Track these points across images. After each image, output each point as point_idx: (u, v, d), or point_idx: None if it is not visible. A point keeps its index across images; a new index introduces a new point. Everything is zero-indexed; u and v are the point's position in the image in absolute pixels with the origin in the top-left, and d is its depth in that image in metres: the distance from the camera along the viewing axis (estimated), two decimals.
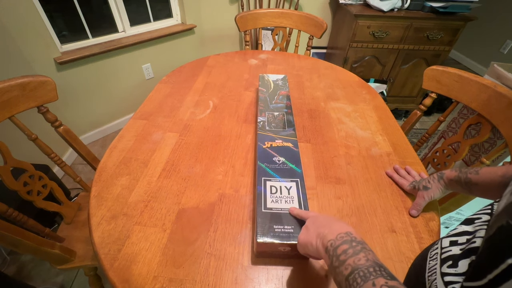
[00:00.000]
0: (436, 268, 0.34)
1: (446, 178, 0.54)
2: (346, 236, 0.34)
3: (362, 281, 0.28)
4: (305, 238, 0.40)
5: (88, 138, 1.84)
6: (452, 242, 0.35)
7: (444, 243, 0.36)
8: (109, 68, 1.71)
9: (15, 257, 1.23)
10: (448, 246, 0.35)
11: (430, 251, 0.38)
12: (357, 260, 0.31)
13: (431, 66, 0.86)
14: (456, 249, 0.33)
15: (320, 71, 1.14)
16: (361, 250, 0.32)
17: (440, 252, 0.35)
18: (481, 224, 0.32)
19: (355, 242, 0.33)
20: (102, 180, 0.62)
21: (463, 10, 1.71)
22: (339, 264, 0.32)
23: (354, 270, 0.30)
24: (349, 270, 0.30)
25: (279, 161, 0.60)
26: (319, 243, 0.37)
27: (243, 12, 1.32)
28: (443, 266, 0.33)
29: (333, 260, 0.33)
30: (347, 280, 0.30)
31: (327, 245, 0.35)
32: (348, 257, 0.32)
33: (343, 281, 0.31)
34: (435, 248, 0.37)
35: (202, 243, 0.51)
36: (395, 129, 0.83)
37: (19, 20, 1.26)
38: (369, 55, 1.92)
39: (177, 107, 0.88)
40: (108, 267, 0.46)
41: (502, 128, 0.71)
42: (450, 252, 0.33)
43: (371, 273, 0.29)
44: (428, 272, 0.35)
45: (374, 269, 0.29)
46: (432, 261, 0.36)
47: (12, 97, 0.65)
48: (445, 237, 0.37)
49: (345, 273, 0.31)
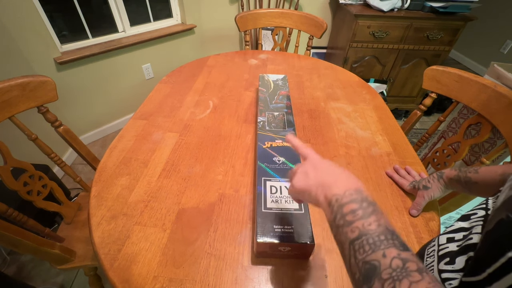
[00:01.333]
0: (434, 266, 0.33)
1: (445, 177, 0.54)
2: (355, 194, 0.30)
3: (371, 250, 0.25)
4: (303, 184, 0.35)
5: (88, 138, 1.84)
6: (449, 239, 0.34)
7: (441, 240, 0.36)
8: (109, 68, 1.71)
9: (15, 257, 1.23)
10: (445, 243, 0.34)
11: (427, 248, 0.38)
12: (366, 224, 0.27)
13: (431, 66, 0.86)
14: (453, 246, 0.33)
15: (320, 71, 1.14)
16: (372, 213, 0.28)
17: (437, 249, 0.35)
18: (476, 220, 0.32)
19: (366, 202, 0.29)
20: (102, 180, 0.62)
21: (463, 10, 1.71)
22: (344, 224, 0.29)
23: (362, 235, 0.27)
24: (356, 233, 0.27)
25: (279, 161, 0.60)
26: (320, 193, 0.33)
27: (243, 12, 1.32)
28: (440, 263, 0.32)
29: (336, 217, 0.30)
30: (352, 243, 0.27)
31: (331, 198, 0.31)
32: (356, 219, 0.28)
33: (346, 243, 0.28)
34: (432, 245, 0.37)
35: (202, 243, 0.51)
36: (395, 129, 0.83)
37: (19, 20, 1.26)
38: (369, 55, 1.92)
39: (177, 107, 0.88)
40: (108, 267, 0.46)
41: (502, 128, 0.71)
42: (447, 249, 0.33)
43: (382, 241, 0.25)
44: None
45: (386, 237, 0.26)
46: (429, 258, 0.36)
47: (12, 97, 0.65)
48: (442, 234, 0.36)
49: (351, 236, 0.27)
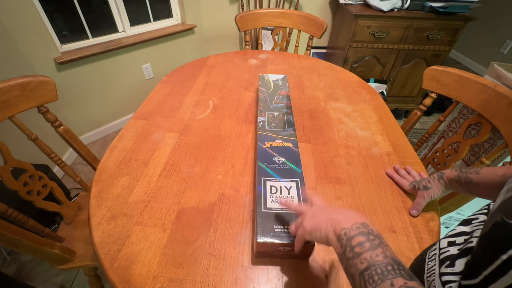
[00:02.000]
0: (435, 269, 0.34)
1: (446, 177, 0.54)
2: (362, 228, 0.32)
3: (380, 279, 0.27)
4: (313, 223, 0.38)
5: (88, 138, 1.84)
6: (450, 242, 0.35)
7: (442, 243, 0.36)
8: (109, 68, 1.71)
9: (15, 257, 1.23)
10: (446, 247, 0.35)
11: (429, 252, 0.38)
12: (374, 256, 0.29)
13: (431, 66, 0.86)
14: (454, 249, 0.33)
15: (320, 71, 1.14)
16: (379, 245, 0.30)
17: (438, 253, 0.35)
18: (478, 224, 0.32)
19: (372, 235, 0.32)
20: (102, 180, 0.62)
21: (463, 10, 1.71)
22: (354, 256, 0.30)
23: (371, 266, 0.28)
24: (365, 265, 0.29)
25: (279, 161, 0.60)
26: (329, 229, 0.35)
27: (243, 12, 1.32)
28: (442, 266, 0.32)
29: (346, 250, 0.32)
30: (361, 275, 0.29)
31: (340, 233, 0.33)
32: (364, 250, 0.30)
33: (357, 275, 0.29)
34: (434, 249, 0.37)
35: (202, 243, 0.51)
36: (395, 129, 0.83)
37: (19, 20, 1.26)
38: (369, 55, 1.92)
39: (177, 107, 0.88)
40: (108, 267, 0.46)
41: (502, 128, 0.71)
42: (448, 253, 0.33)
43: (389, 271, 0.27)
44: (427, 273, 0.35)
45: (392, 267, 0.28)
46: (430, 262, 0.36)
47: (12, 97, 0.65)
48: (443, 238, 0.37)
49: (360, 268, 0.29)
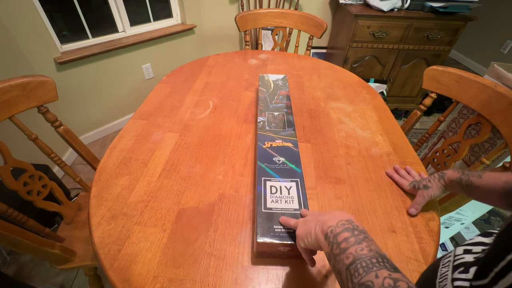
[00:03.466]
0: (448, 275, 0.33)
1: (447, 178, 0.54)
2: (347, 224, 0.33)
3: (365, 272, 0.28)
4: (304, 229, 0.39)
5: (88, 138, 1.84)
6: (466, 250, 0.34)
7: (457, 251, 0.36)
8: (109, 68, 1.71)
9: (15, 257, 1.23)
10: (461, 254, 0.34)
11: (443, 259, 0.38)
12: (359, 250, 0.30)
13: (431, 66, 0.86)
14: (470, 257, 0.33)
15: (320, 71, 1.14)
16: (364, 240, 0.31)
17: (453, 259, 0.35)
18: None
19: (357, 230, 0.32)
20: (102, 180, 0.62)
21: (463, 10, 1.71)
22: (340, 252, 0.31)
23: (356, 260, 0.29)
24: (350, 259, 0.30)
25: (279, 161, 0.60)
26: (318, 229, 0.36)
27: (243, 12, 1.32)
28: (455, 272, 0.32)
29: (333, 247, 0.32)
30: (347, 269, 0.29)
31: (327, 231, 0.34)
32: (349, 245, 0.31)
33: (343, 270, 0.30)
34: (448, 256, 0.37)
35: (202, 243, 0.51)
36: (395, 129, 0.83)
37: (19, 20, 1.26)
38: (369, 55, 1.92)
39: (177, 107, 0.88)
40: (108, 267, 0.46)
41: (502, 128, 0.71)
42: (463, 260, 0.33)
43: (374, 264, 0.28)
44: (440, 278, 0.35)
45: (377, 260, 0.28)
46: (444, 268, 0.36)
47: (12, 97, 0.65)
48: (459, 246, 0.36)
49: (346, 262, 0.30)
